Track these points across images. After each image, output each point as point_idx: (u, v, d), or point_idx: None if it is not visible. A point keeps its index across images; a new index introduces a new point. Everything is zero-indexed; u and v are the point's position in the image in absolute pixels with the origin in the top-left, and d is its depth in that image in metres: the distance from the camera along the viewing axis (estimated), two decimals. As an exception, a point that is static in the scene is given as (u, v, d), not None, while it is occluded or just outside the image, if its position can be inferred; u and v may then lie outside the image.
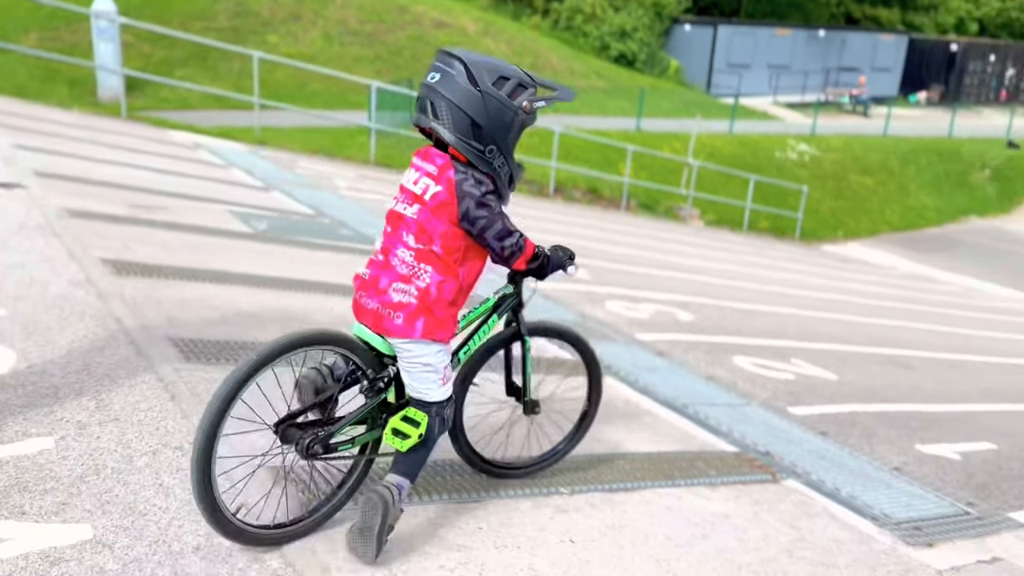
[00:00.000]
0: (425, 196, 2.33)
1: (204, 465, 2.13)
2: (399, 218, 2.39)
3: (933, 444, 5.00)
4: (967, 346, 9.23)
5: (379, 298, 2.36)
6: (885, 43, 35.16)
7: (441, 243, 2.33)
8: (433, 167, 2.34)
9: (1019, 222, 23.19)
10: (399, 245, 2.37)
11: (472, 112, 2.26)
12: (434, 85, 2.27)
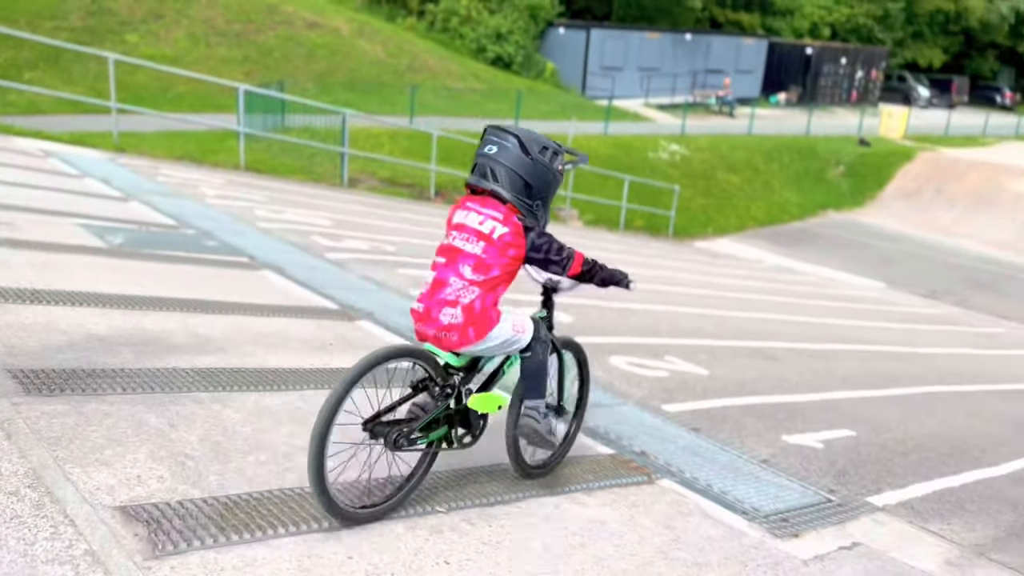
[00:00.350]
0: (493, 235, 2.91)
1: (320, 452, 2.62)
2: (457, 251, 2.95)
3: (798, 434, 5.23)
4: (829, 335, 9.75)
5: (434, 326, 2.92)
6: (747, 47, 36.91)
7: (500, 269, 2.92)
8: (500, 214, 2.91)
9: (871, 215, 24.83)
10: (453, 274, 2.92)
11: (526, 175, 2.91)
12: (493, 155, 2.91)
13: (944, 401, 7.24)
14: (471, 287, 2.90)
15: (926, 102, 45.48)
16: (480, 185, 2.93)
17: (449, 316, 2.88)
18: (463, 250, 2.93)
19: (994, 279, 19.32)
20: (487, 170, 2.92)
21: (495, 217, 2.91)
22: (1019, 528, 4.32)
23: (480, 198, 2.98)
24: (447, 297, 2.90)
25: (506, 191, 2.90)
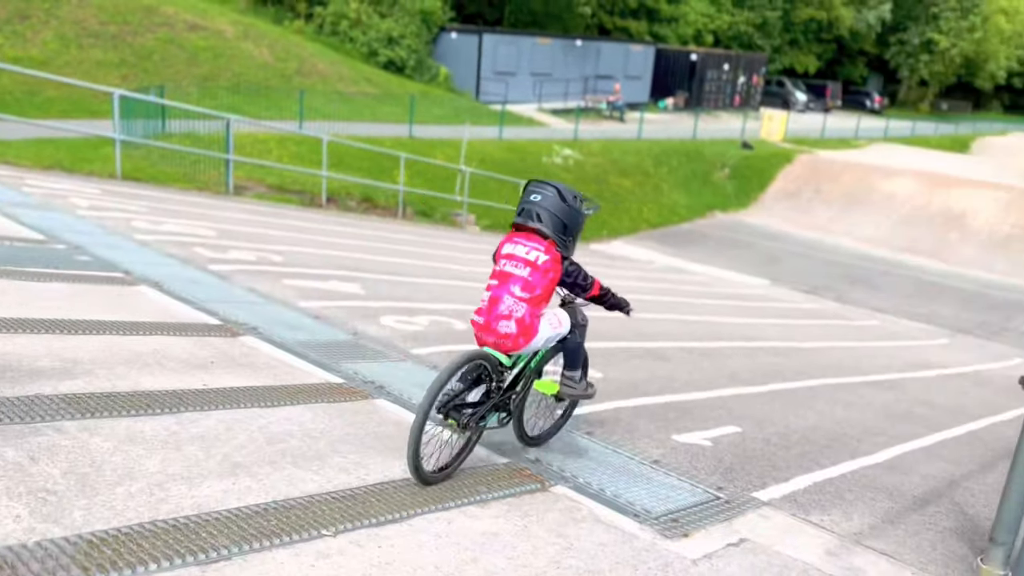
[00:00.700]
0: (537, 263, 3.73)
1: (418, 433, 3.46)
2: (508, 275, 3.76)
3: (688, 433, 5.36)
4: (717, 333, 10.08)
5: (494, 335, 3.76)
6: (635, 53, 37.88)
7: (542, 289, 3.75)
8: (542, 247, 3.75)
9: (755, 216, 25.88)
10: (506, 293, 3.73)
11: (563, 217, 3.77)
12: (537, 202, 3.76)
13: (824, 394, 7.58)
14: (520, 303, 3.72)
15: (803, 106, 47.84)
16: (527, 225, 3.77)
17: (505, 327, 3.73)
18: (513, 274, 3.76)
19: (868, 274, 20.47)
20: (533, 213, 3.76)
21: (538, 249, 3.75)
22: (893, 514, 4.54)
23: (526, 234, 3.81)
24: (502, 312, 3.73)
25: (548, 229, 3.75)
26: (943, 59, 57.34)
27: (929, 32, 57.03)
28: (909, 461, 5.79)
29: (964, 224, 24.35)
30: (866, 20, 53.34)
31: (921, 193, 25.82)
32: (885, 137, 38.03)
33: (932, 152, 34.62)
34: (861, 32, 54.69)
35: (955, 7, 55.96)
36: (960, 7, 55.84)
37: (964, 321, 17.25)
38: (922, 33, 57.86)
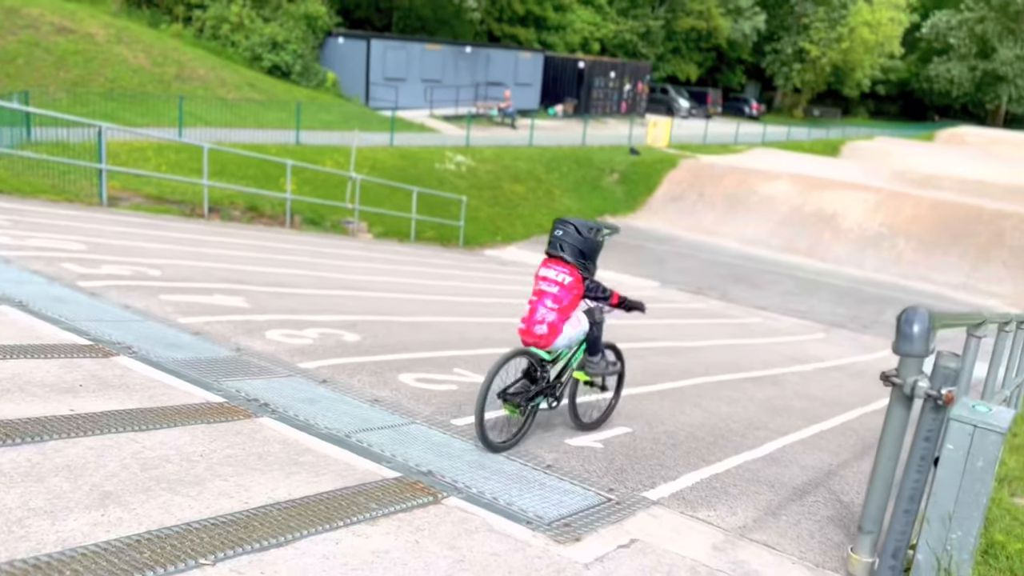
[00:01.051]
0: (564, 283, 4.87)
1: (480, 412, 4.60)
2: (543, 292, 4.90)
3: (579, 436, 5.42)
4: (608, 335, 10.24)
5: (532, 336, 4.89)
6: (524, 60, 38.31)
7: (568, 301, 4.89)
8: (567, 270, 4.88)
9: (644, 219, 26.59)
10: (540, 305, 4.89)
11: (582, 247, 4.89)
12: (561, 237, 4.90)
13: (709, 391, 7.83)
14: (550, 311, 4.90)
15: (687, 112, 49.54)
16: (555, 254, 4.93)
17: (539, 329, 4.91)
18: (546, 291, 4.92)
19: (750, 273, 21.35)
20: (558, 245, 4.93)
21: (564, 272, 4.91)
22: (775, 506, 4.72)
23: (555, 261, 4.96)
24: (537, 319, 4.92)
25: (570, 258, 4.91)
26: (814, 68, 60.61)
27: (801, 42, 60.18)
28: (789, 453, 6.05)
29: (837, 224, 25.76)
30: (742, 30, 55.79)
31: (797, 195, 27.17)
32: (763, 142, 39.83)
33: (806, 156, 36.49)
34: (738, 41, 57.17)
35: (824, 18, 59.26)
36: (828, 19, 59.17)
37: (839, 316, 18.22)
38: (794, 43, 61.01)
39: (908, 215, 25.36)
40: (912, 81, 73.47)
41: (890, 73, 68.83)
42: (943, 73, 70.45)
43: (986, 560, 4.22)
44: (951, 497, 3.64)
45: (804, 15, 60.47)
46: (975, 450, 3.59)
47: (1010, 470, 6.34)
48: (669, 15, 53.78)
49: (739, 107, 56.86)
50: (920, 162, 36.40)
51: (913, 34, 68.93)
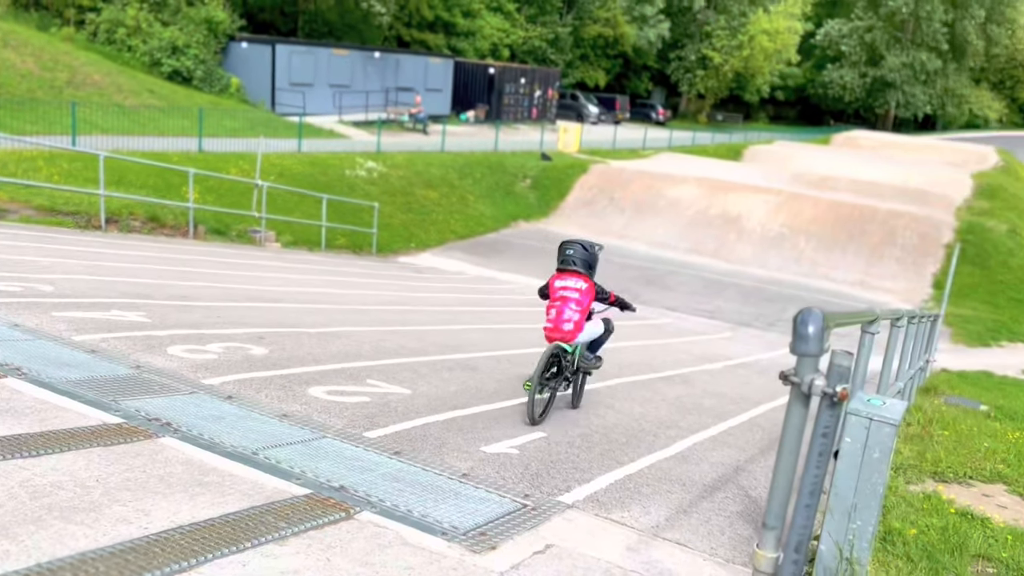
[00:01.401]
0: (582, 288, 6.05)
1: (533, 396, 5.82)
2: (566, 298, 6.05)
3: (495, 443, 5.40)
4: (524, 341, 10.29)
5: (560, 332, 6.03)
6: (435, 65, 38.21)
7: (586, 304, 6.07)
8: (581, 280, 6.05)
9: (557, 223, 26.87)
10: (566, 308, 6.03)
11: (588, 260, 6.11)
12: (571, 255, 6.07)
13: (623, 392, 7.96)
14: (575, 312, 6.09)
15: (596, 118, 50.37)
16: (569, 268, 6.12)
17: (567, 326, 6.09)
18: (569, 297, 6.11)
19: (660, 275, 21.84)
20: (571, 261, 6.13)
21: (580, 280, 6.12)
22: (686, 504, 4.82)
23: (569, 273, 6.15)
24: (565, 318, 6.08)
25: (581, 269, 6.12)
26: (717, 74, 62.61)
27: (704, 49, 62.09)
28: (700, 451, 6.19)
29: (741, 225, 26.63)
30: (648, 37, 57.17)
31: (703, 198, 27.96)
32: (670, 147, 40.84)
33: (711, 160, 37.62)
34: (644, 49, 58.54)
35: (725, 27, 61.32)
36: (729, 27, 61.26)
37: (745, 315, 18.83)
38: (697, 50, 62.90)
39: (808, 216, 26.44)
40: (808, 87, 76.76)
41: (788, 79, 71.72)
42: (836, 79, 73.89)
43: (884, 547, 4.41)
44: (850, 488, 3.79)
45: (706, 23, 62.43)
46: (871, 442, 3.74)
47: (905, 459, 6.65)
48: (576, 22, 54.63)
49: (646, 113, 58.18)
50: (817, 165, 38.00)
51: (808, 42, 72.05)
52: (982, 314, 20.91)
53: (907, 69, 71.49)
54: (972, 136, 70.69)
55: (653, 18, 56.82)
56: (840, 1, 76.24)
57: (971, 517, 5.25)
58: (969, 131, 75.07)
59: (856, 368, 4.26)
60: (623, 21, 54.48)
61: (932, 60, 71.14)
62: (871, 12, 72.13)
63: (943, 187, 33.07)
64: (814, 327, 2.18)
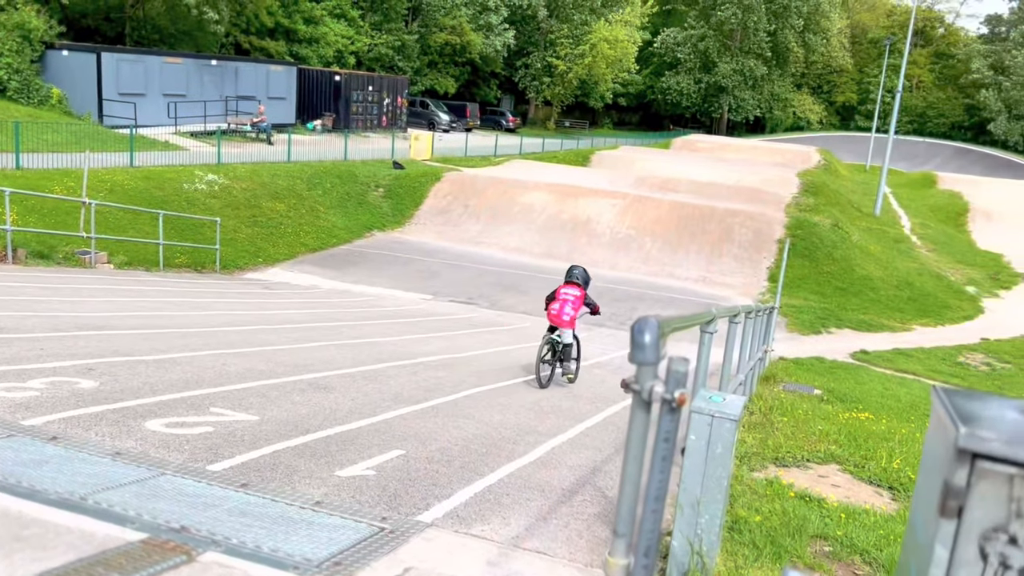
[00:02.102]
0: (577, 295, 9.61)
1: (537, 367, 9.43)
2: (566, 300, 9.55)
3: (351, 466, 5.23)
4: (380, 354, 10.10)
5: (560, 321, 9.56)
6: (277, 73, 37.00)
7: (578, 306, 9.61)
8: (578, 290, 9.63)
9: (412, 233, 26.68)
10: (565, 306, 9.53)
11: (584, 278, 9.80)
12: (575, 273, 9.76)
13: (482, 400, 7.94)
14: (572, 310, 9.45)
15: (447, 126, 50.45)
16: (571, 280, 9.60)
17: (566, 317, 9.45)
18: (568, 299, 9.47)
19: (517, 280, 22.11)
20: (574, 276, 9.61)
21: (577, 290, 9.55)
22: (545, 511, 4.84)
23: (571, 284, 9.58)
24: (565, 312, 9.44)
25: (579, 282, 9.59)
26: (562, 81, 64.29)
27: (548, 57, 63.60)
28: (558, 455, 6.26)
29: (591, 229, 27.41)
30: (494, 45, 57.90)
31: (554, 203, 28.58)
32: (520, 154, 41.53)
33: (560, 166, 38.54)
34: (491, 56, 59.26)
35: (568, 35, 63.06)
36: (572, 35, 63.05)
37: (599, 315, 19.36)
38: (543, 58, 64.35)
39: (652, 217, 27.57)
40: (648, 93, 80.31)
41: (629, 86, 74.73)
42: (673, 86, 77.75)
43: (732, 536, 4.61)
44: (697, 484, 3.92)
45: (550, 32, 63.99)
46: (714, 438, 3.89)
47: (749, 447, 7.01)
48: (423, 29, 54.57)
49: (496, 120, 58.90)
50: (660, 168, 39.74)
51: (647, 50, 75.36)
52: (812, 303, 22.53)
53: (737, 75, 76.20)
54: (797, 137, 76.29)
55: (498, 26, 57.63)
56: (674, 11, 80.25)
57: (809, 499, 5.59)
58: (794, 133, 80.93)
59: (698, 367, 4.43)
60: (469, 29, 54.91)
61: (759, 67, 76.17)
62: (702, 22, 76.40)
63: (773, 186, 35.41)
64: (650, 336, 2.21)
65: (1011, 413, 1.81)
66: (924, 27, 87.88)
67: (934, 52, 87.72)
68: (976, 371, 17.60)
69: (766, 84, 78.36)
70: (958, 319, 23.08)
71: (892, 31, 79.93)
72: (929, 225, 37.98)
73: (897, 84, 43.11)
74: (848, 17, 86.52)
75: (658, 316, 2.32)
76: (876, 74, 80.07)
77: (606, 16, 63.36)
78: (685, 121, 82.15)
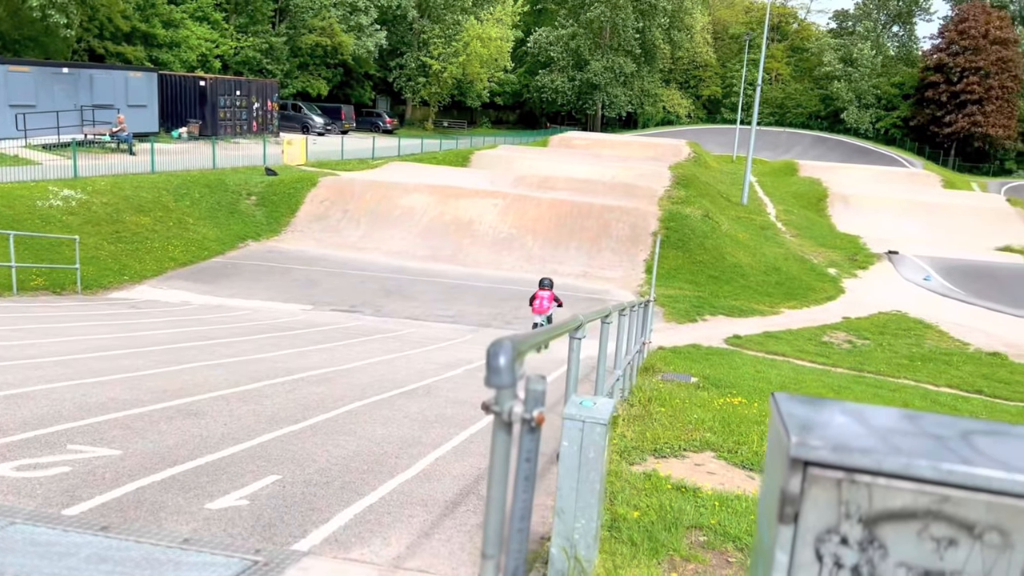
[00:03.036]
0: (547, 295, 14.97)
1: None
2: (542, 298, 14.90)
3: (222, 497, 5.01)
4: (257, 373, 9.75)
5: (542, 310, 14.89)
6: (136, 80, 35.16)
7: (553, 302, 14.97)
8: (548, 292, 15.02)
9: (289, 241, 25.94)
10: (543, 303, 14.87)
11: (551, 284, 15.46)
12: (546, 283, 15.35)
13: (364, 415, 7.79)
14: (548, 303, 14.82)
15: (322, 129, 49.41)
16: (543, 286, 15.06)
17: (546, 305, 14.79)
18: (543, 297, 14.83)
19: (400, 285, 21.89)
20: (543, 284, 15.18)
21: (547, 292, 14.96)
22: (428, 527, 4.79)
23: (543, 289, 14.95)
24: (543, 304, 14.82)
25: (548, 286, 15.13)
26: (438, 81, 64.13)
27: (423, 57, 63.28)
28: (442, 465, 6.21)
29: (474, 229, 27.46)
30: (366, 46, 57.10)
31: (436, 205, 28.47)
32: (399, 155, 41.12)
33: (440, 167, 38.43)
34: (364, 57, 58.40)
35: (441, 35, 62.94)
36: (445, 35, 62.97)
37: (484, 315, 19.43)
38: (417, 58, 63.98)
39: (532, 215, 27.90)
40: (524, 92, 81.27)
41: (505, 85, 75.33)
42: (548, 84, 78.98)
43: (612, 535, 4.69)
44: (572, 489, 3.97)
45: (422, 32, 63.68)
46: (586, 442, 3.95)
47: (628, 441, 7.18)
48: (291, 31, 53.19)
49: (373, 122, 58.16)
50: (538, 166, 40.26)
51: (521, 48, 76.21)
52: (687, 292, 23.37)
53: (608, 72, 78.17)
54: (668, 131, 79.02)
55: (369, 27, 56.87)
56: (545, 10, 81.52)
57: (685, 489, 5.76)
58: (665, 127, 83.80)
59: (568, 374, 4.49)
60: (340, 30, 53.91)
61: (628, 63, 78.42)
62: (573, 20, 77.93)
63: (647, 180, 36.52)
64: (505, 358, 2.20)
65: (840, 417, 1.89)
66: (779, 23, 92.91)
67: (790, 46, 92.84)
68: (839, 349, 18.72)
69: (636, 80, 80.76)
70: (821, 300, 24.50)
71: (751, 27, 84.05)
72: (792, 211, 40.13)
73: (757, 77, 45.34)
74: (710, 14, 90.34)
75: (513, 336, 2.32)
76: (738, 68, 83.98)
77: (477, 15, 63.64)
78: (561, 118, 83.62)
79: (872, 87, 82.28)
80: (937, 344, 19.76)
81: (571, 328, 4.13)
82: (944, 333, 20.95)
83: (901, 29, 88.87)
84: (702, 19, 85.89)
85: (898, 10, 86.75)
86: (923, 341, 19.94)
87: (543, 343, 2.83)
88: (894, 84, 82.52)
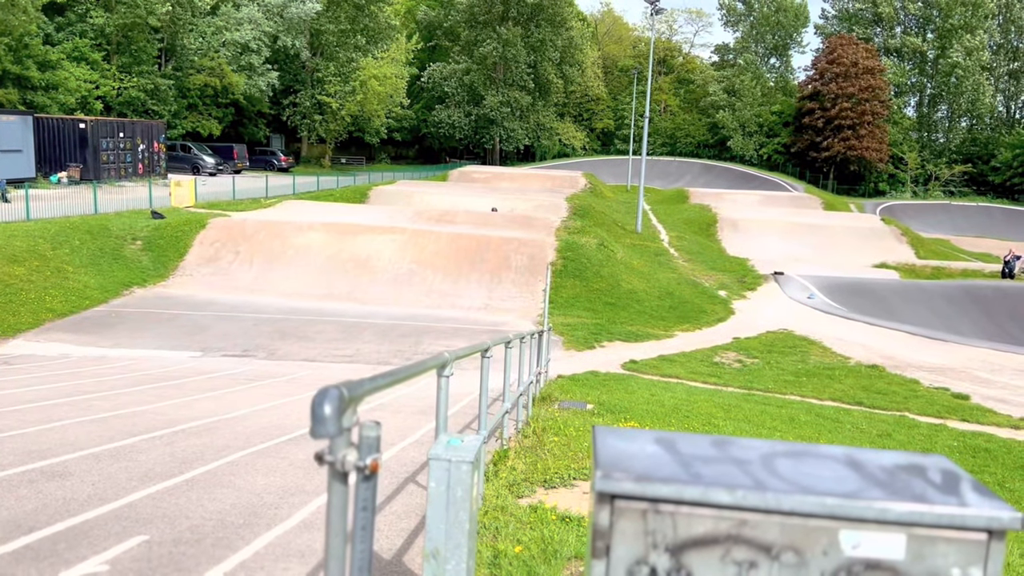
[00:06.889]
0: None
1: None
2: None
3: (80, 563, 4.72)
4: (133, 427, 9.29)
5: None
6: (9, 124, 33.43)
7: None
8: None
9: (178, 286, 25.01)
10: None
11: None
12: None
13: (246, 465, 7.51)
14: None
15: (213, 169, 48.15)
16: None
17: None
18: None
19: (296, 326, 21.39)
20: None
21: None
22: (302, 579, 4.63)
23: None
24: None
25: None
26: (335, 118, 63.65)
27: (318, 95, 62.75)
28: (322, 512, 6.04)
29: (372, 266, 27.19)
30: (258, 86, 56.21)
31: (332, 243, 28.06)
32: (295, 194, 40.45)
33: (337, 204, 37.97)
34: (256, 96, 57.46)
35: (336, 73, 62.62)
36: (340, 73, 62.68)
37: (383, 353, 19.18)
38: (311, 96, 63.38)
39: (432, 250, 27.86)
40: (422, 127, 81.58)
41: (403, 121, 75.47)
42: (445, 119, 79.58)
43: (491, 571, 4.65)
44: (441, 531, 3.91)
45: (316, 70, 63.21)
46: (453, 482, 3.91)
47: (518, 474, 7.18)
48: (178, 72, 51.85)
49: (267, 160, 57.12)
50: (437, 201, 40.35)
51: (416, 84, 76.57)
52: (586, 320, 23.74)
53: (505, 107, 79.40)
54: (565, 163, 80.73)
55: (261, 67, 56.05)
56: (439, 47, 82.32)
57: (569, 520, 5.79)
58: (562, 159, 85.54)
59: (437, 414, 4.45)
60: (230, 71, 52.92)
61: (524, 98, 79.90)
62: (466, 56, 78.96)
63: (544, 211, 37.11)
64: (330, 407, 2.16)
65: (650, 447, 1.94)
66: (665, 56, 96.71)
67: (676, 79, 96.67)
68: (730, 368, 19.35)
69: (532, 114, 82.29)
70: (713, 322, 25.32)
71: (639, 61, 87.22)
72: (684, 237, 41.50)
73: (646, 109, 46.92)
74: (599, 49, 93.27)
75: (343, 385, 2.27)
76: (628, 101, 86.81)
77: (373, 54, 63.71)
78: (460, 152, 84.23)
79: (755, 116, 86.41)
80: (821, 359, 20.69)
81: (437, 365, 4.11)
82: (827, 349, 21.96)
83: (778, 61, 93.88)
84: (592, 54, 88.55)
85: (774, 43, 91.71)
86: (808, 357, 20.83)
87: (387, 385, 2.80)
88: (775, 112, 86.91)
